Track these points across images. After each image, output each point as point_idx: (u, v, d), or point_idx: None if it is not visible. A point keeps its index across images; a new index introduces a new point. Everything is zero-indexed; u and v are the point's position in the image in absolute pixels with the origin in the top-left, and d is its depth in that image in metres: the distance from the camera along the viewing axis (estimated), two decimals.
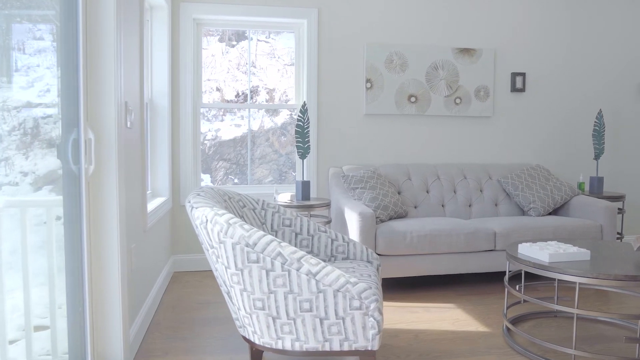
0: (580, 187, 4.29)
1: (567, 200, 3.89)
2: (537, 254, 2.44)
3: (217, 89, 4.16)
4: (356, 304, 1.92)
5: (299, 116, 3.58)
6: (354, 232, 3.22)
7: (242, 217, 2.46)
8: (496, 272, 3.94)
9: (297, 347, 1.98)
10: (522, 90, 4.42)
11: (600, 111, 4.27)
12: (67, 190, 1.88)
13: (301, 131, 3.58)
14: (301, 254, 1.92)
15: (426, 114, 4.25)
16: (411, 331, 2.75)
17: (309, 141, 3.60)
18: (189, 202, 2.12)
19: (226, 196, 2.43)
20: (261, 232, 1.93)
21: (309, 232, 2.57)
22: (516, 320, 2.90)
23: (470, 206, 3.94)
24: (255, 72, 4.20)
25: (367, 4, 4.14)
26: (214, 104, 4.13)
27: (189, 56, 3.90)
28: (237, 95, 4.19)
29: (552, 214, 3.96)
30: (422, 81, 4.22)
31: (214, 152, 4.22)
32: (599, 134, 4.27)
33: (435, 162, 4.33)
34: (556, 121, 4.55)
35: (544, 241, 2.74)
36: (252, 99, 4.20)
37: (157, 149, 3.72)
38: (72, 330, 1.95)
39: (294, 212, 2.62)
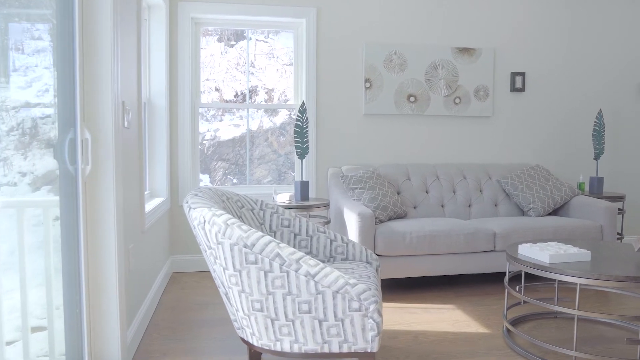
0: (580, 187, 4.27)
1: (567, 200, 3.88)
2: (538, 254, 2.42)
3: (216, 89, 4.15)
4: (355, 305, 1.90)
5: (297, 116, 3.56)
6: (353, 232, 3.21)
7: (241, 217, 2.44)
8: (496, 273, 3.93)
9: (295, 349, 1.97)
10: (522, 90, 4.41)
11: (600, 111, 4.26)
12: (63, 190, 1.87)
13: (300, 131, 3.56)
14: (300, 254, 1.90)
15: (425, 113, 4.23)
16: (411, 332, 2.73)
17: (307, 141, 3.58)
18: (187, 202, 2.11)
19: (224, 196, 2.41)
20: (259, 233, 1.92)
21: (307, 232, 2.56)
22: (516, 321, 2.89)
23: (469, 206, 3.93)
24: (254, 72, 4.18)
25: (367, 3, 4.12)
26: (212, 103, 4.12)
27: (187, 55, 3.89)
28: (235, 95, 4.18)
29: (552, 214, 3.95)
30: (422, 81, 4.20)
31: (212, 152, 4.20)
32: (599, 134, 4.26)
33: (434, 162, 4.32)
34: (556, 121, 4.54)
35: (544, 242, 2.73)
36: (250, 98, 4.18)
37: (155, 149, 3.71)
38: (69, 331, 1.94)
39: (293, 213, 2.60)
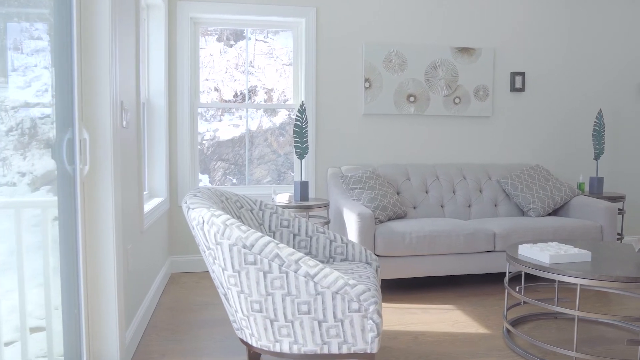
0: (580, 188, 4.27)
1: (567, 200, 3.87)
2: (538, 255, 2.42)
3: (215, 89, 4.14)
4: (355, 306, 1.89)
5: (297, 116, 3.55)
6: (353, 233, 3.20)
7: (240, 218, 2.43)
8: (496, 273, 3.92)
9: (295, 350, 1.96)
10: (522, 90, 4.40)
11: (600, 111, 4.26)
12: (62, 190, 1.86)
13: (299, 131, 3.55)
14: (299, 255, 1.89)
15: (425, 113, 4.23)
16: (410, 333, 2.72)
17: (307, 141, 3.58)
18: (186, 202, 2.10)
19: (223, 197, 2.40)
20: (258, 234, 1.91)
21: (307, 233, 2.55)
22: (516, 321, 2.88)
23: (469, 207, 3.92)
24: (253, 72, 4.17)
25: (366, 3, 4.12)
26: (211, 103, 4.11)
27: (186, 55, 3.88)
28: (235, 95, 4.17)
29: (551, 214, 3.94)
30: (421, 81, 4.19)
31: (212, 152, 4.19)
32: (599, 134, 4.25)
33: (434, 162, 4.31)
34: (556, 121, 4.53)
35: (544, 242, 2.72)
36: (250, 98, 4.17)
37: (154, 149, 3.70)
38: (68, 332, 1.93)
39: (292, 213, 2.59)
